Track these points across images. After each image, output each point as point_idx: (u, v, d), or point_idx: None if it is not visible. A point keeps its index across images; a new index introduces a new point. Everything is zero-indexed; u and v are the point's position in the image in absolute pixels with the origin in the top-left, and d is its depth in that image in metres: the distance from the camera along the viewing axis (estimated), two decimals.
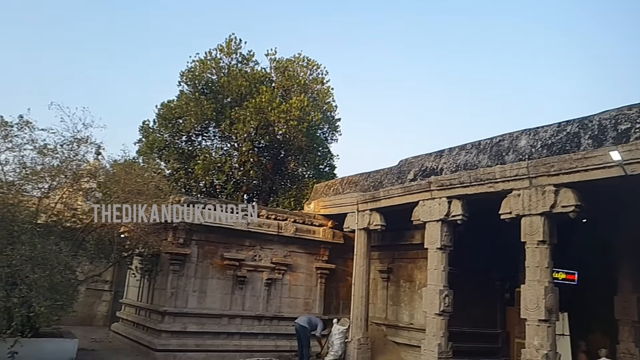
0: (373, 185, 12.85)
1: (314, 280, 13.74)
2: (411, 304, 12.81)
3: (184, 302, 11.73)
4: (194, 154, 19.58)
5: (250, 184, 20.09)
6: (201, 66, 20.17)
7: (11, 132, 9.59)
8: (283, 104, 18.70)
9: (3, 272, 7.88)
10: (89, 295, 15.88)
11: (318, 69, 21.91)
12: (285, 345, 12.49)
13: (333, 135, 22.57)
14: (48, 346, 9.54)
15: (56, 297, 8.49)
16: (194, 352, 11.30)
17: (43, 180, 10.06)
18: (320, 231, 13.82)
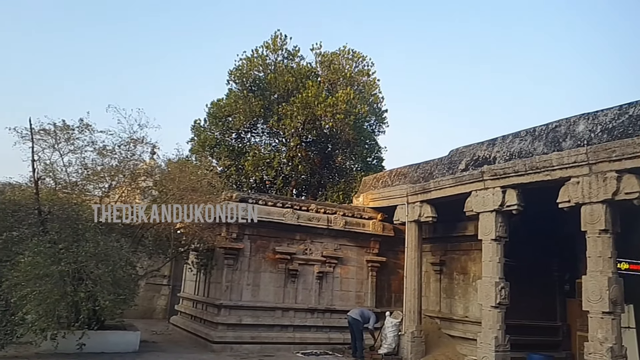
0: (423, 176, 12.66)
1: (365, 273, 13.73)
2: (465, 296, 12.58)
3: (239, 296, 12.01)
4: (244, 150, 19.94)
5: (299, 179, 20.26)
6: (248, 64, 20.49)
7: (73, 135, 10.10)
8: (329, 98, 18.72)
9: (70, 268, 8.31)
10: (148, 289, 16.55)
11: (364, 60, 21.76)
12: (338, 338, 12.57)
13: (380, 127, 22.41)
14: (113, 338, 10.05)
15: (119, 291, 8.89)
16: (249, 344, 11.55)
17: (103, 180, 10.55)
18: (370, 224, 13.77)
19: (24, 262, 8.11)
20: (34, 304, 8.06)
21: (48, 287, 8.05)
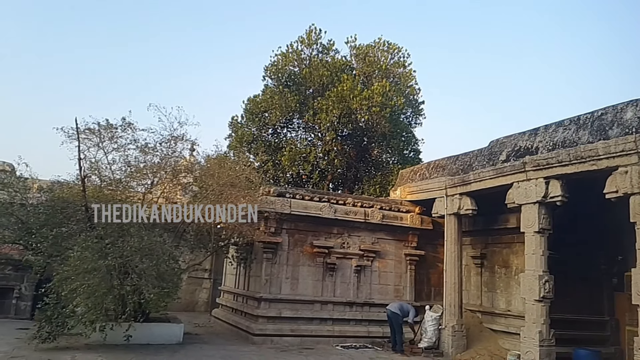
0: (462, 168, 12.44)
1: (403, 266, 13.64)
2: (507, 290, 12.31)
3: (278, 289, 12.15)
4: (280, 145, 20.07)
5: (335, 173, 20.25)
6: (283, 59, 20.58)
7: (116, 134, 10.40)
8: (365, 91, 18.60)
9: (116, 263, 8.59)
10: (190, 283, 16.96)
11: (399, 52, 21.48)
12: (377, 332, 12.55)
13: (417, 119, 22.08)
14: (158, 330, 10.35)
15: (163, 284, 9.12)
16: (289, 337, 11.68)
17: (146, 176, 10.82)
18: (408, 217, 13.66)
19: (73, 257, 8.43)
20: (83, 297, 8.37)
21: (96, 280, 8.34)
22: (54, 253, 9.56)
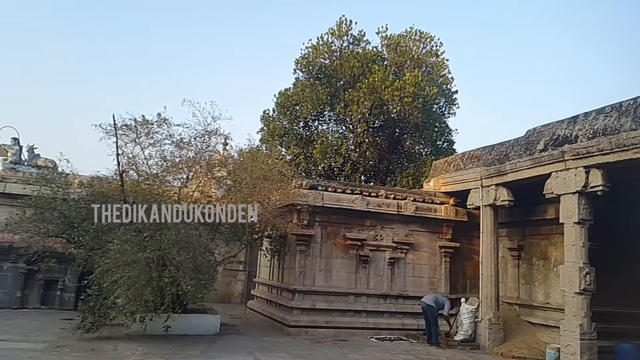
0: (497, 158, 12.18)
1: (438, 259, 13.49)
2: (546, 282, 12.02)
3: (312, 281, 12.22)
4: (312, 138, 20.11)
5: (367, 165, 20.16)
6: (314, 52, 20.55)
7: (152, 129, 10.59)
8: (397, 82, 18.40)
9: (154, 255, 8.79)
10: (226, 275, 17.22)
11: (432, 41, 21.16)
12: (412, 324, 12.48)
13: (450, 109, 21.75)
14: (195, 321, 10.58)
15: (200, 276, 9.28)
16: (323, 329, 11.74)
17: (181, 171, 11.02)
18: (442, 209, 13.49)
19: (113, 250, 8.68)
20: (124, 288, 8.60)
21: (135, 272, 8.55)
22: (95, 246, 9.85)
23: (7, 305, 12.44)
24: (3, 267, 12.65)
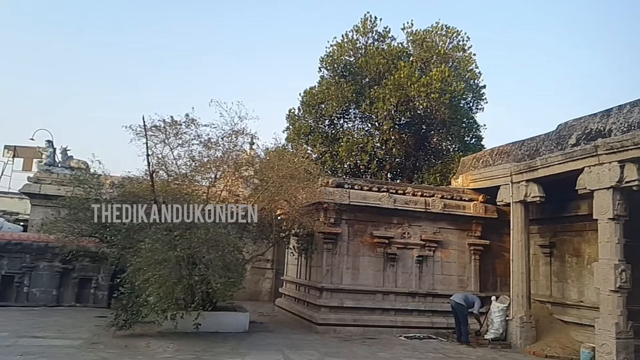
0: (528, 154, 11.94)
1: (467, 256, 13.32)
2: (579, 280, 11.74)
3: (339, 279, 12.22)
4: (337, 136, 20.05)
5: (394, 162, 20.01)
6: (339, 50, 20.47)
7: (180, 130, 10.76)
8: (423, 78, 18.18)
9: (185, 254, 8.92)
10: (254, 273, 17.38)
11: (458, 35, 20.81)
12: (441, 323, 12.36)
13: (478, 105, 21.37)
14: (225, 319, 10.71)
15: (229, 274, 9.39)
16: (352, 327, 11.73)
17: (210, 170, 11.16)
18: (471, 206, 13.30)
19: (145, 249, 8.83)
20: (155, 286, 8.73)
21: (166, 271, 8.69)
22: (127, 245, 10.06)
23: (44, 303, 12.81)
24: (39, 266, 13.02)
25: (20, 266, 12.86)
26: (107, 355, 7.83)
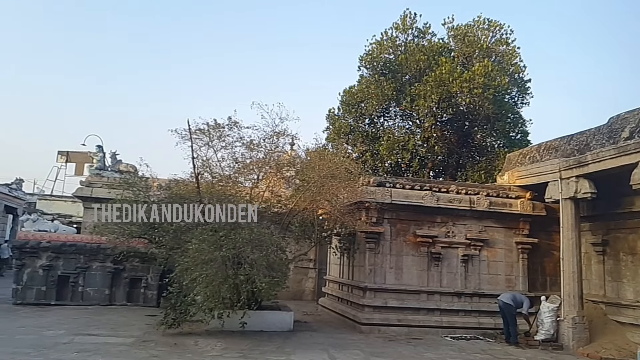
0: (577, 149, 11.51)
1: (514, 255, 12.97)
2: (636, 279, 11.20)
3: (382, 279, 12.14)
4: (378, 135, 19.95)
5: (436, 160, 19.73)
6: (378, 48, 20.35)
7: (224, 133, 10.98)
8: (465, 73, 17.83)
9: (230, 254, 9.09)
10: (297, 272, 17.52)
11: (501, 29, 20.31)
12: (488, 323, 12.08)
13: (523, 99, 20.76)
14: (270, 318, 10.84)
15: (273, 274, 9.50)
16: (396, 327, 11.63)
17: (252, 172, 11.34)
18: (518, 203, 12.94)
19: (192, 249, 9.04)
20: (202, 286, 8.93)
21: (212, 270, 8.87)
22: (175, 246, 10.35)
23: (97, 302, 13.33)
24: (92, 267, 13.56)
25: (75, 266, 13.43)
26: (157, 353, 8.07)
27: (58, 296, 13.28)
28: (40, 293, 13.19)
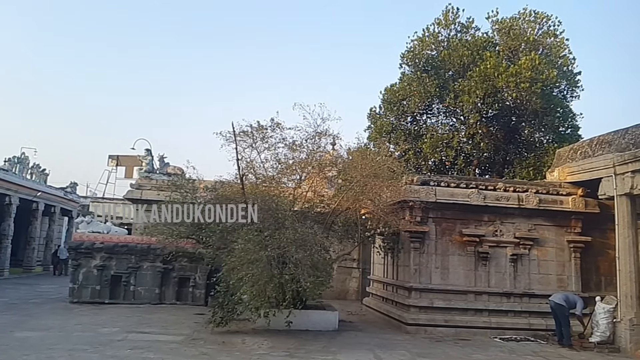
0: (632, 142, 10.97)
1: (566, 254, 12.51)
2: None
3: (428, 279, 11.97)
4: (420, 133, 19.67)
5: (481, 157, 19.26)
6: (420, 44, 20.08)
7: (266, 134, 11.13)
8: (511, 67, 17.33)
9: (275, 253, 9.20)
10: (340, 272, 17.51)
11: (548, 20, 19.59)
12: (539, 324, 11.69)
13: (573, 92, 19.94)
14: (315, 317, 10.88)
15: (317, 274, 9.55)
16: (443, 327, 11.43)
17: (295, 172, 11.44)
18: (569, 201, 12.47)
19: (238, 249, 9.22)
20: (248, 285, 9.09)
21: (258, 270, 8.99)
22: (221, 246, 10.57)
23: (148, 301, 13.77)
24: (143, 267, 14.02)
25: (127, 266, 13.93)
26: (206, 350, 8.26)
27: (111, 295, 13.81)
28: (95, 292, 13.76)
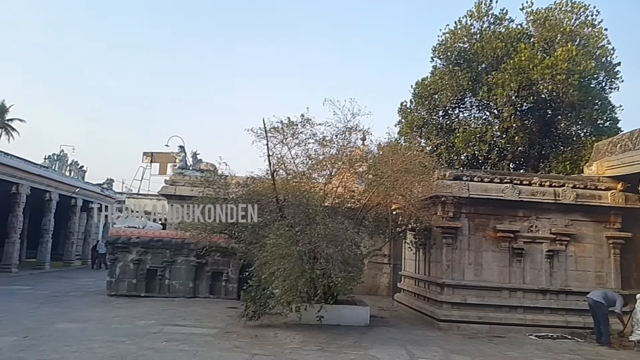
0: None
1: (605, 251, 12.14)
2: None
3: (461, 275, 11.82)
4: (452, 127, 19.40)
5: (516, 151, 18.85)
6: (452, 37, 19.78)
7: (297, 130, 11.19)
8: (547, 59, 16.85)
9: (306, 248, 9.24)
10: (371, 268, 17.46)
11: (586, 10, 18.96)
12: (577, 322, 11.40)
13: (612, 84, 19.26)
14: (346, 312, 10.90)
15: (348, 269, 9.54)
16: (476, 324, 11.28)
17: (325, 167, 11.46)
18: (608, 195, 12.09)
19: (269, 244, 9.31)
20: (280, 280, 9.16)
21: (290, 265, 9.06)
22: (253, 241, 10.70)
23: (182, 294, 14.07)
24: (177, 261, 14.32)
25: (162, 261, 14.25)
26: (239, 344, 8.38)
27: (147, 288, 14.17)
28: (131, 285, 14.14)
